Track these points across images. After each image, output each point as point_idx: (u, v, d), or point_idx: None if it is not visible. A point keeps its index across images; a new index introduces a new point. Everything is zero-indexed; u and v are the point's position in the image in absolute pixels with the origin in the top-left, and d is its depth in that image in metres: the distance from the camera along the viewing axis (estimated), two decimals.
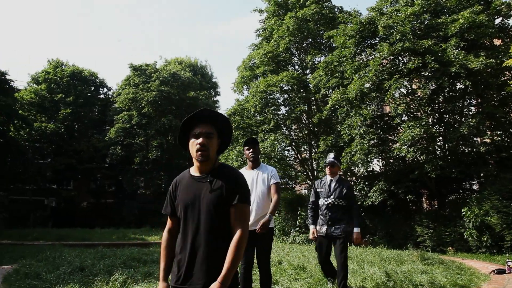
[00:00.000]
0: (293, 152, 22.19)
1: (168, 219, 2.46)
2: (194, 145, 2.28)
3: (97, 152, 31.27)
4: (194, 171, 2.39)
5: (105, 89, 35.71)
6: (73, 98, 31.41)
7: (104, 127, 34.34)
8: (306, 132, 20.22)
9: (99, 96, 35.22)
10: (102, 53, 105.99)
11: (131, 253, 9.02)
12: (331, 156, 5.87)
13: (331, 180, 5.76)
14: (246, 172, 4.72)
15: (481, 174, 15.16)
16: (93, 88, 34.44)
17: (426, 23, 14.71)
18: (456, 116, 14.51)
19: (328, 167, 5.79)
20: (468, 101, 14.78)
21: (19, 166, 26.34)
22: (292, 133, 20.79)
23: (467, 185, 17.08)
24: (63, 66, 33.56)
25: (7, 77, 24.52)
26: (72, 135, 32.26)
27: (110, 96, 35.45)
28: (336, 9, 21.66)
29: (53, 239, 16.86)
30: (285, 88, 19.61)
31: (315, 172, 18.51)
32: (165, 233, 2.45)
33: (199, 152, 2.26)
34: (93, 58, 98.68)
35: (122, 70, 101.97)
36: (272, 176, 4.67)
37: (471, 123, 12.74)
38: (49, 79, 32.09)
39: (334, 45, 18.65)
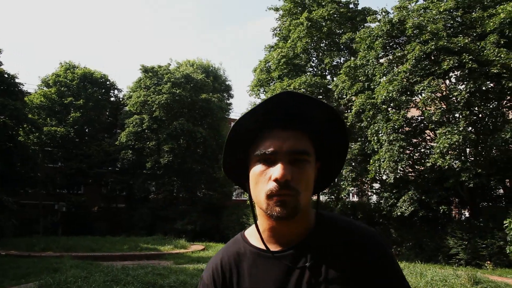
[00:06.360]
0: None
1: None
2: (263, 180, 1.01)
3: (108, 157, 30.58)
4: (266, 238, 1.09)
5: (116, 92, 35.02)
6: (83, 101, 30.76)
7: (115, 130, 33.66)
8: None
9: (110, 99, 34.54)
10: (113, 55, 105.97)
11: (145, 275, 8.09)
12: None
13: None
14: None
15: None
16: (103, 90, 33.76)
17: (458, 19, 13.68)
18: (495, 119, 13.41)
19: None
20: (508, 103, 13.66)
21: (28, 170, 25.76)
22: None
23: (500, 192, 15.99)
24: (75, 68, 32.94)
25: (17, 80, 24.06)
26: (82, 139, 31.63)
27: (121, 99, 34.79)
28: (351, 5, 20.72)
29: (62, 249, 16.13)
30: None
31: (340, 181, 17.48)
32: None
33: (277, 198, 0.98)
34: (104, 60, 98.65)
35: (133, 72, 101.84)
36: None
37: None
38: (59, 82, 31.49)
39: (353, 45, 17.69)
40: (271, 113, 1.03)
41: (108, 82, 33.98)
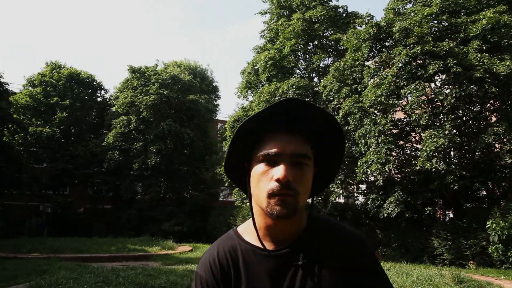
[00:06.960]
0: None
1: None
2: (265, 179, 1.06)
3: (95, 157, 30.34)
4: (261, 236, 1.13)
5: (103, 92, 34.76)
6: (69, 102, 30.46)
7: (101, 131, 33.44)
8: None
9: (97, 99, 34.28)
10: (100, 55, 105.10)
11: (135, 276, 8.13)
12: None
13: None
14: None
15: (503, 184, 14.42)
16: (90, 91, 33.49)
17: (443, 24, 13.97)
18: (478, 123, 13.72)
19: None
20: (491, 107, 13.99)
21: (13, 171, 25.46)
22: None
23: (483, 193, 16.35)
24: (61, 68, 32.61)
25: (1, 80, 23.79)
26: (68, 140, 31.35)
27: (107, 99, 34.56)
28: (339, 9, 20.95)
29: (49, 251, 15.97)
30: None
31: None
32: None
33: (278, 198, 1.03)
34: (91, 60, 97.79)
35: (120, 72, 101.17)
36: None
37: (497, 132, 11.92)
38: (45, 82, 31.14)
39: (340, 47, 17.87)
40: (275, 117, 1.08)
41: (94, 83, 33.74)
